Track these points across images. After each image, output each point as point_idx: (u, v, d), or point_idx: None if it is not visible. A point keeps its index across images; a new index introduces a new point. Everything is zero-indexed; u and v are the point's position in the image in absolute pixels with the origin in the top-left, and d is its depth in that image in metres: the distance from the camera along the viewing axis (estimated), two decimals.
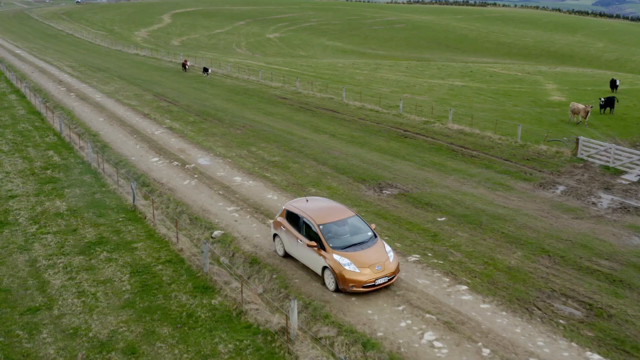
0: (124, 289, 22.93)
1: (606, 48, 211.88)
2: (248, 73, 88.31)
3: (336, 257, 21.88)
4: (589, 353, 18.58)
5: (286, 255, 24.92)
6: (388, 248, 22.85)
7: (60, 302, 21.89)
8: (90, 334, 19.86)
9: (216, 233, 27.74)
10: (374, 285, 21.59)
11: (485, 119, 52.80)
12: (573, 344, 19.02)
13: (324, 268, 22.33)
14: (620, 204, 33.00)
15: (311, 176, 36.34)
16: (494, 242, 26.95)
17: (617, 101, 60.52)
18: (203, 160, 39.85)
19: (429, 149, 43.64)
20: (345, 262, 21.67)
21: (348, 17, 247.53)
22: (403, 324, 20.04)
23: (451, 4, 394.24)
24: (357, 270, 21.50)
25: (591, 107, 53.48)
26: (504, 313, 20.80)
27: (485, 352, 18.54)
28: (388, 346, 18.89)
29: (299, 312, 20.62)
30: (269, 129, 49.08)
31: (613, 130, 51.76)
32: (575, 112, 53.64)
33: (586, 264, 24.84)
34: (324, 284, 22.66)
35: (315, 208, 24.32)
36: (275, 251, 25.50)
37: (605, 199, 33.73)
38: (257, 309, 21.10)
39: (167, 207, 31.66)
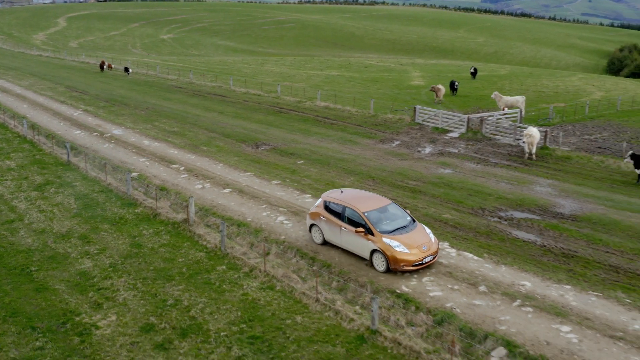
0: (72, 207, 32.57)
1: (486, 42, 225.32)
2: (147, 68, 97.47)
3: (386, 240, 23.87)
4: None
5: (324, 243, 26.82)
6: (428, 230, 25.38)
7: (27, 216, 31.31)
8: (54, 231, 29.42)
9: (134, 174, 37.41)
10: (422, 264, 23.92)
11: (349, 98, 64.01)
12: None
13: (373, 251, 24.27)
14: (439, 150, 44.34)
15: (203, 140, 46.47)
16: (336, 173, 37.69)
17: (457, 84, 72.60)
18: (117, 131, 49.48)
19: (298, 120, 54.52)
20: (395, 244, 23.72)
21: (239, 18, 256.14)
22: (264, 214, 30.51)
23: (341, 3, 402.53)
24: (407, 251, 23.59)
25: (442, 89, 65.50)
26: None
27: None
28: (253, 225, 29.29)
29: (195, 213, 30.60)
30: (168, 109, 59.01)
31: (455, 105, 63.58)
32: (435, 91, 65.33)
33: (399, 183, 35.81)
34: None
35: (355, 197, 26.31)
36: (312, 240, 27.44)
37: (429, 148, 45.05)
38: (167, 212, 31.17)
39: (94, 161, 40.99)
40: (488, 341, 19.58)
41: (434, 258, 24.39)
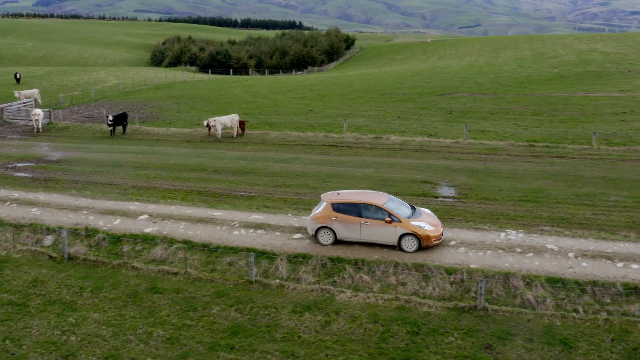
0: None
1: (35, 47, 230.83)
2: None
3: (414, 223, 26.60)
4: None
5: (335, 243, 28.02)
6: (429, 211, 29.00)
7: None
8: None
9: None
10: (441, 238, 27.19)
11: None
12: None
13: (402, 236, 26.59)
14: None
15: None
16: None
17: None
18: None
19: None
20: (423, 225, 26.63)
21: None
22: None
23: None
24: (433, 229, 26.63)
25: None
26: None
27: None
28: None
29: None
30: None
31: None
32: None
33: None
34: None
35: (363, 195, 28.46)
36: (319, 243, 28.25)
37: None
38: None
39: None
40: None
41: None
